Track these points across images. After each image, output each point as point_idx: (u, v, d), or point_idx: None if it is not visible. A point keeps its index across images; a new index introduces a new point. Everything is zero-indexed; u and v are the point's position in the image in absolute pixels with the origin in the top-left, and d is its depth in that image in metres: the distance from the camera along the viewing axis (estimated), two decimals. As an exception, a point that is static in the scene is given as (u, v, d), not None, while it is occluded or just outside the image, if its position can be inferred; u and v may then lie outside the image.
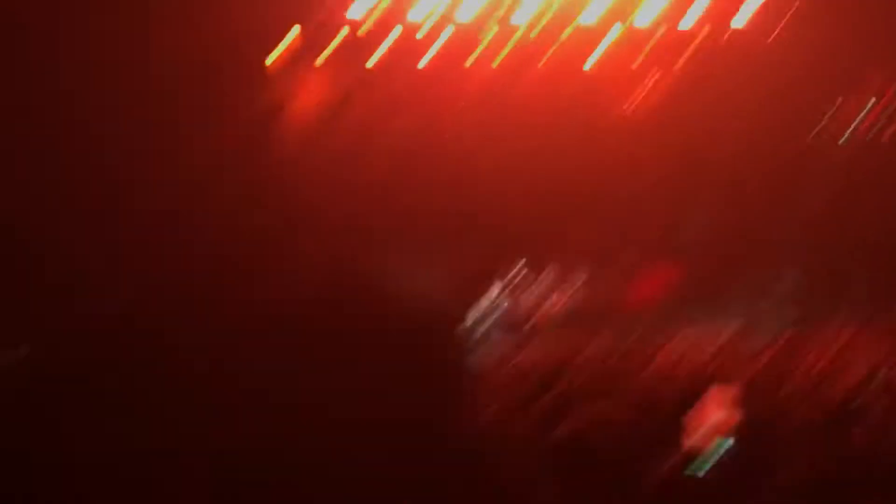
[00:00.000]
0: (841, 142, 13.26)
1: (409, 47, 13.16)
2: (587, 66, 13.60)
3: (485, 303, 12.47)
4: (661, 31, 12.81)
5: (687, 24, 12.62)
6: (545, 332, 11.11)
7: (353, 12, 12.19)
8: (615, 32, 12.85)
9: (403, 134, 13.31)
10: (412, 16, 12.80)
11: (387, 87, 13.35)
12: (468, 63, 13.76)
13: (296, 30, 12.85)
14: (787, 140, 13.03)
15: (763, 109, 12.74)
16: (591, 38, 12.87)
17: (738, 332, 9.34)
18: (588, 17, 12.25)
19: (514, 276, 12.84)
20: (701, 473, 1.93)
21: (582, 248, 13.06)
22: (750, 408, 5.12)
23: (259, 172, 12.65)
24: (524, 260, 12.81)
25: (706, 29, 12.56)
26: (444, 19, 12.73)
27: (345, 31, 13.06)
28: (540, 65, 13.42)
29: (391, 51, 12.95)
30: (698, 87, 13.30)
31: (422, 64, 13.39)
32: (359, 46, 12.95)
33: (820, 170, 12.99)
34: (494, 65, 13.73)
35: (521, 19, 12.23)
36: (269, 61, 13.10)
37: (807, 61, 12.30)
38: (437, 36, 12.84)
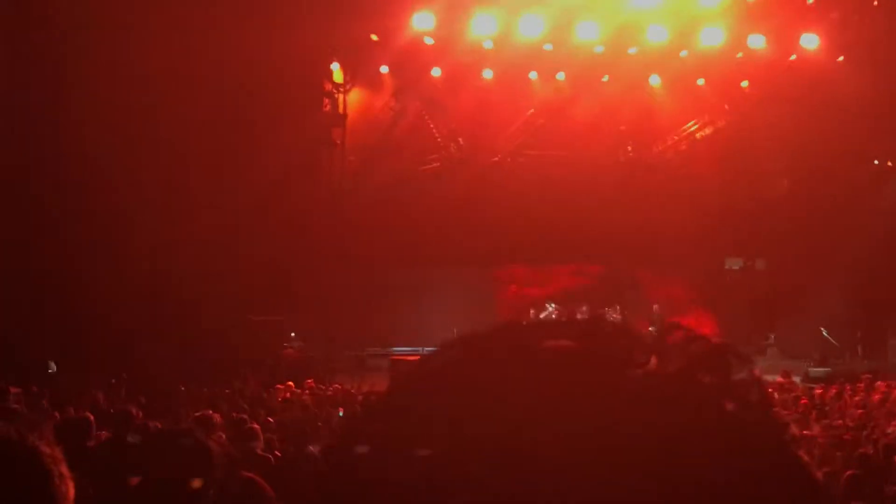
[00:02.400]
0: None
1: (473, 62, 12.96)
2: (653, 83, 13.31)
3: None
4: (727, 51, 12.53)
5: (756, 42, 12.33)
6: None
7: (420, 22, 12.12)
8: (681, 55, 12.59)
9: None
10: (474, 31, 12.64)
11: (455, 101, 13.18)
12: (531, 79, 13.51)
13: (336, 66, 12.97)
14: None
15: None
16: (657, 59, 12.66)
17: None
18: (657, 35, 12.03)
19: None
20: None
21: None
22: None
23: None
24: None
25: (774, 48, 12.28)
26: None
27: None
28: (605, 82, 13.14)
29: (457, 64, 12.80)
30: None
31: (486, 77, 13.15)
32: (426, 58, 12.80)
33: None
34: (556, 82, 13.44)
35: (586, 34, 12.03)
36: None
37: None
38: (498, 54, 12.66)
